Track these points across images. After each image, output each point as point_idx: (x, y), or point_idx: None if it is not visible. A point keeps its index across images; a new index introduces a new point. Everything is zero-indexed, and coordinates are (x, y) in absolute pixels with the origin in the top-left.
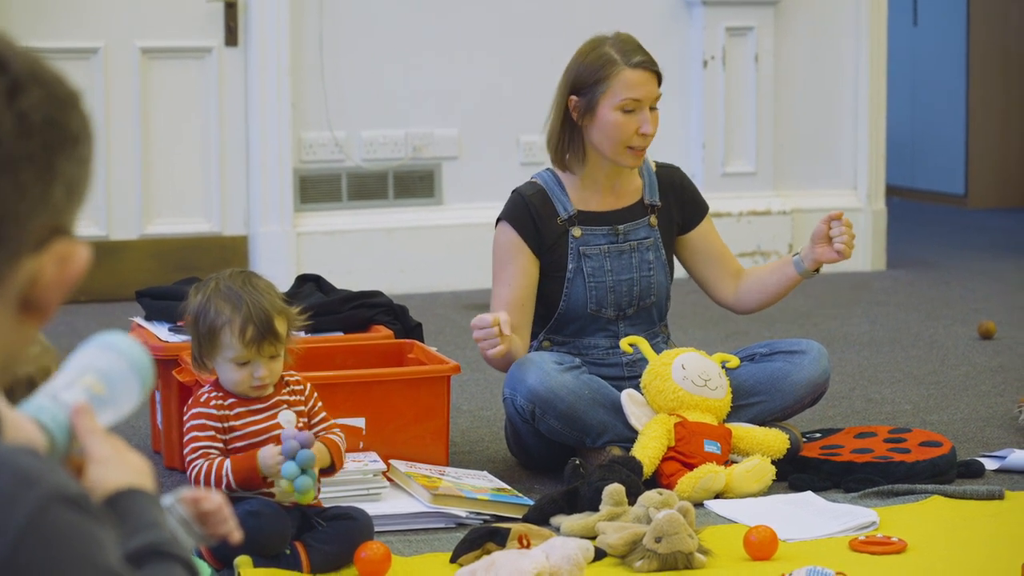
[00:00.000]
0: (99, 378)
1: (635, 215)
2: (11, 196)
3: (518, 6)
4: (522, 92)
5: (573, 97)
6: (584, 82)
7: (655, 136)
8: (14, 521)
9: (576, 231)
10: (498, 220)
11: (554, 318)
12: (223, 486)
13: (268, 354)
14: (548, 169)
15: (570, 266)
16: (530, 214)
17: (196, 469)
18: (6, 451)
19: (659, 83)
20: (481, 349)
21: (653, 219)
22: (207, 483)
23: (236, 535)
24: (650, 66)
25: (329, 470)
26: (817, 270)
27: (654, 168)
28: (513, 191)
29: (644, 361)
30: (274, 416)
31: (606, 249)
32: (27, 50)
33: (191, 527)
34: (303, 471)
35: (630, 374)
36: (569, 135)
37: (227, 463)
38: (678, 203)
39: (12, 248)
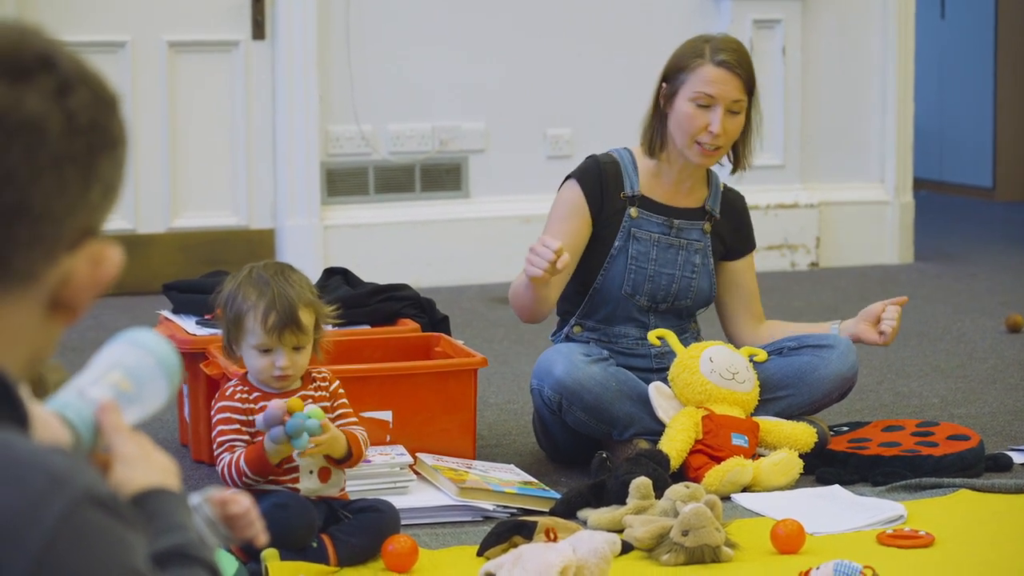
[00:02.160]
0: (126, 375)
1: (693, 216)
2: (53, 194)
3: (545, 0)
4: (549, 85)
5: (663, 84)
6: (673, 71)
7: (731, 140)
8: (45, 521)
9: (633, 211)
10: (567, 177)
11: (588, 295)
12: (244, 478)
13: (290, 344)
14: (627, 148)
15: (617, 243)
16: (600, 180)
17: (222, 464)
18: (38, 450)
19: (747, 91)
20: (527, 262)
21: (707, 226)
22: (230, 476)
23: (262, 538)
24: (734, 68)
25: (344, 460)
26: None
27: (722, 187)
28: (589, 156)
29: (673, 353)
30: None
31: (657, 238)
32: (72, 50)
33: (217, 528)
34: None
35: (658, 365)
36: (657, 121)
37: (243, 454)
38: (732, 228)
39: (49, 246)
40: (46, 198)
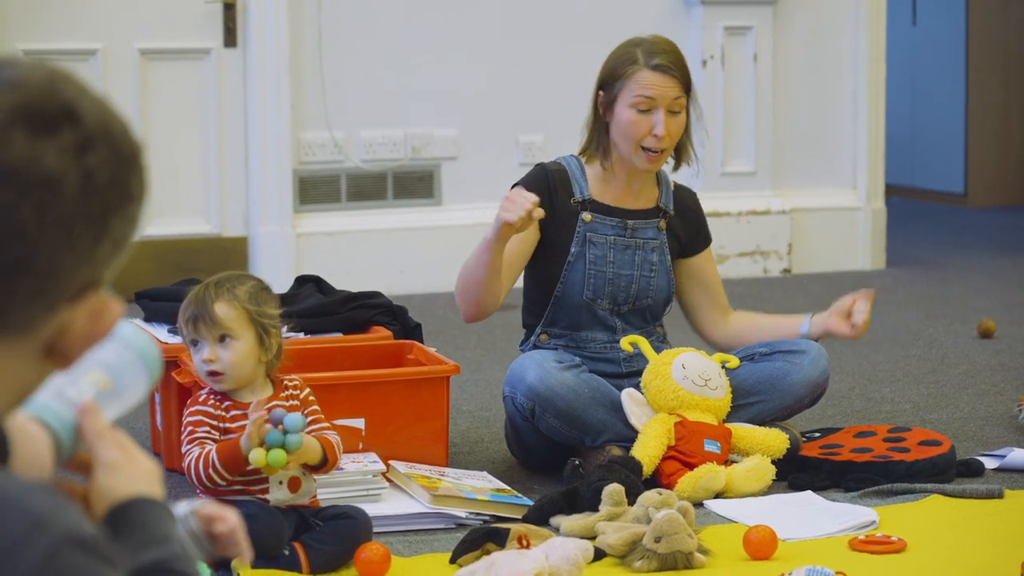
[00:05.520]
0: (105, 372)
1: (647, 215)
2: (60, 251)
3: (517, 6)
4: (521, 92)
5: (600, 92)
6: (608, 78)
7: (675, 140)
8: (25, 565)
9: (587, 216)
10: (515, 185)
11: (550, 304)
12: (210, 470)
13: (208, 336)
14: (575, 155)
15: (573, 249)
16: (549, 187)
17: (190, 458)
18: (18, 490)
19: (684, 90)
20: (503, 208)
21: (663, 223)
22: (196, 470)
23: (246, 556)
24: (670, 70)
25: (320, 466)
26: (818, 339)
27: (672, 186)
28: (536, 164)
29: (642, 357)
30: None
31: (612, 240)
32: (99, 97)
33: (201, 542)
34: (282, 446)
35: (628, 370)
36: (597, 128)
37: (214, 447)
38: (687, 226)
39: (51, 300)
40: (53, 255)
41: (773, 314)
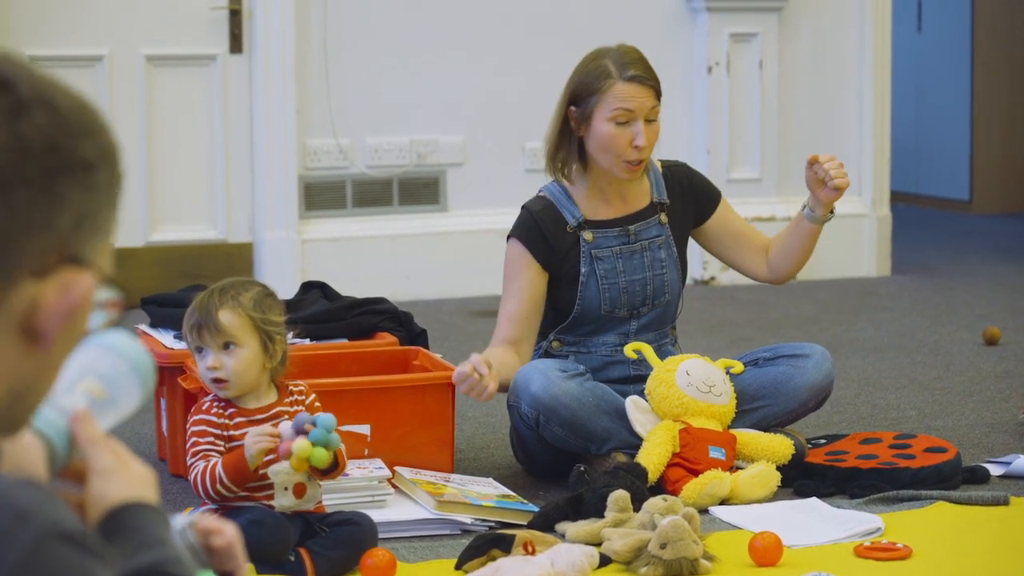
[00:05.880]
0: (99, 381)
1: (645, 215)
2: (1, 216)
3: (522, 13)
4: (526, 98)
5: (572, 108)
6: (581, 93)
7: (652, 148)
8: (9, 559)
9: (588, 235)
10: (508, 236)
11: (569, 320)
12: (218, 485)
13: (212, 343)
14: (555, 181)
15: (583, 270)
16: (539, 229)
17: (195, 472)
18: (2, 485)
19: (657, 97)
20: (476, 397)
21: (663, 217)
22: (203, 483)
23: (243, 572)
24: (645, 80)
25: (330, 471)
26: (832, 211)
27: (660, 168)
28: (522, 207)
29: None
30: (275, 428)
31: (618, 250)
32: (46, 76)
33: (198, 555)
34: (326, 445)
35: (635, 373)
36: (569, 145)
37: (220, 461)
38: (689, 198)
39: (6, 268)
40: None
41: (785, 228)
